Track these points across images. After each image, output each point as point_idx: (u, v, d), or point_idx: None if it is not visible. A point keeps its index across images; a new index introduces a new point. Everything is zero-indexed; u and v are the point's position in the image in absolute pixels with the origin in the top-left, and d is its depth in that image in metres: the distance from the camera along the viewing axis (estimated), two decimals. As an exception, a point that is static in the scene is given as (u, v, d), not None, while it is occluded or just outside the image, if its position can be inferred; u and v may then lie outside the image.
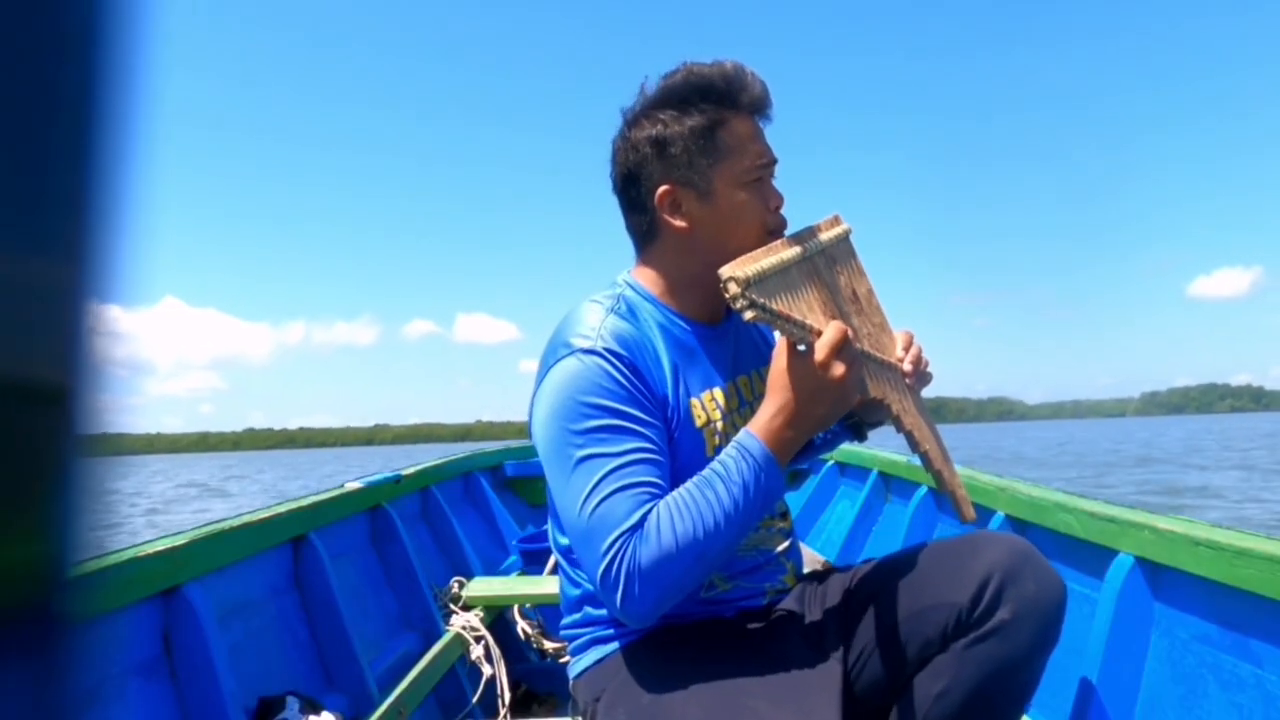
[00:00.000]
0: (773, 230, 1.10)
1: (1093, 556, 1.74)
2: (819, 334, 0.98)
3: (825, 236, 1.10)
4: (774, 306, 0.95)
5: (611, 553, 0.96)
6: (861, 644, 1.07)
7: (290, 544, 2.05)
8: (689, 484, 0.99)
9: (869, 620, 1.07)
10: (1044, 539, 2.00)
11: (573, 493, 1.00)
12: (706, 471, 0.99)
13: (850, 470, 3.67)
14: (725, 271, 0.94)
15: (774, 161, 1.12)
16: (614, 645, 1.12)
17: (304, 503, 2.16)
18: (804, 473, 4.06)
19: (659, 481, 1.00)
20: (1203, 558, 1.41)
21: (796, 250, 1.03)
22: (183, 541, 1.59)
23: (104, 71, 0.21)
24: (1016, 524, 2.09)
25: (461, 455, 3.70)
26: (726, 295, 0.93)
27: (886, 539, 3.00)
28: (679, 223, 1.10)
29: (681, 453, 1.07)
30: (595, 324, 1.06)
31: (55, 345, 0.21)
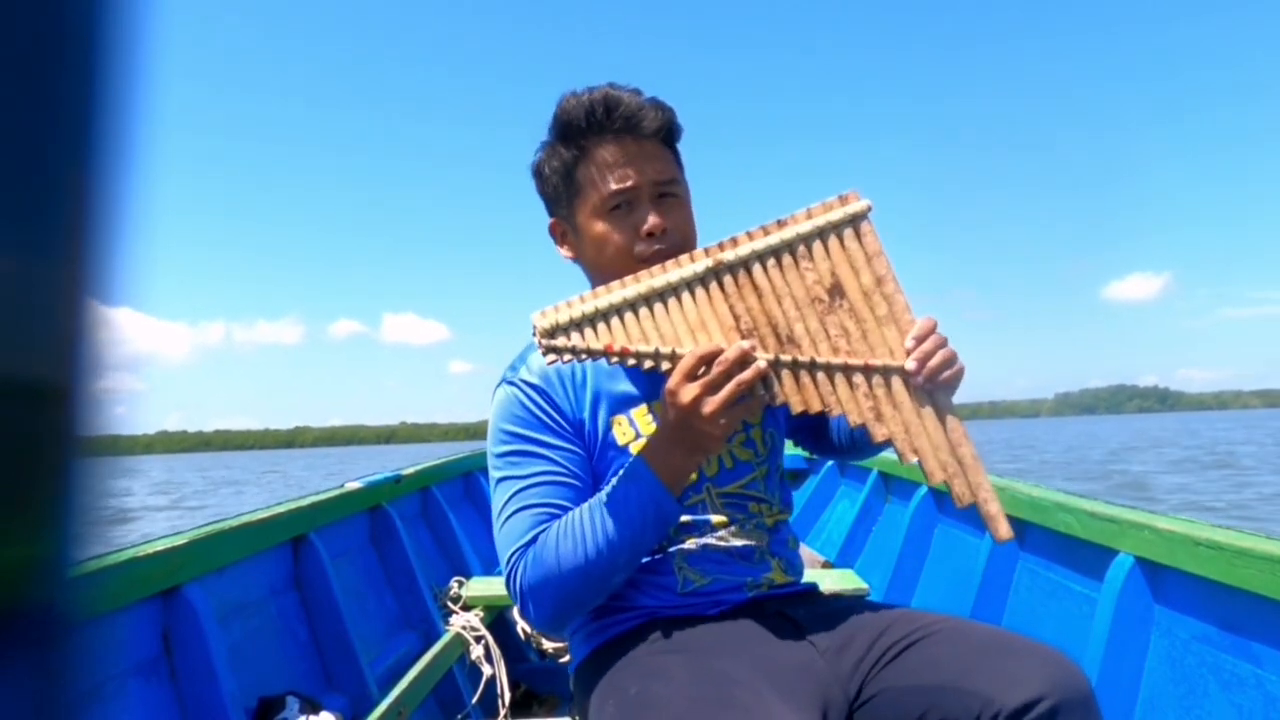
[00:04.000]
0: (642, 257, 1.09)
1: (1093, 556, 1.74)
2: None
3: (778, 236, 1.01)
4: (593, 345, 0.98)
5: (509, 568, 1.05)
6: (882, 685, 1.02)
7: (290, 544, 2.05)
8: (582, 506, 1.05)
9: (900, 666, 1.02)
10: (1044, 539, 2.00)
11: (494, 510, 1.10)
12: (600, 494, 1.05)
13: (850, 470, 3.67)
14: (534, 316, 0.99)
15: (642, 185, 1.11)
16: (603, 638, 1.12)
17: (304, 503, 2.16)
18: (803, 472, 4.06)
19: (560, 503, 1.07)
20: (1203, 558, 1.41)
21: (689, 270, 1.00)
22: (183, 541, 1.59)
23: (103, 73, 0.21)
24: (1016, 524, 2.09)
25: (462, 455, 3.70)
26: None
27: (886, 539, 3.00)
28: (567, 254, 1.20)
29: (609, 472, 1.10)
30: (526, 355, 1.16)
31: (55, 346, 0.21)
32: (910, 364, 1.00)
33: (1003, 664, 0.96)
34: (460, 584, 2.60)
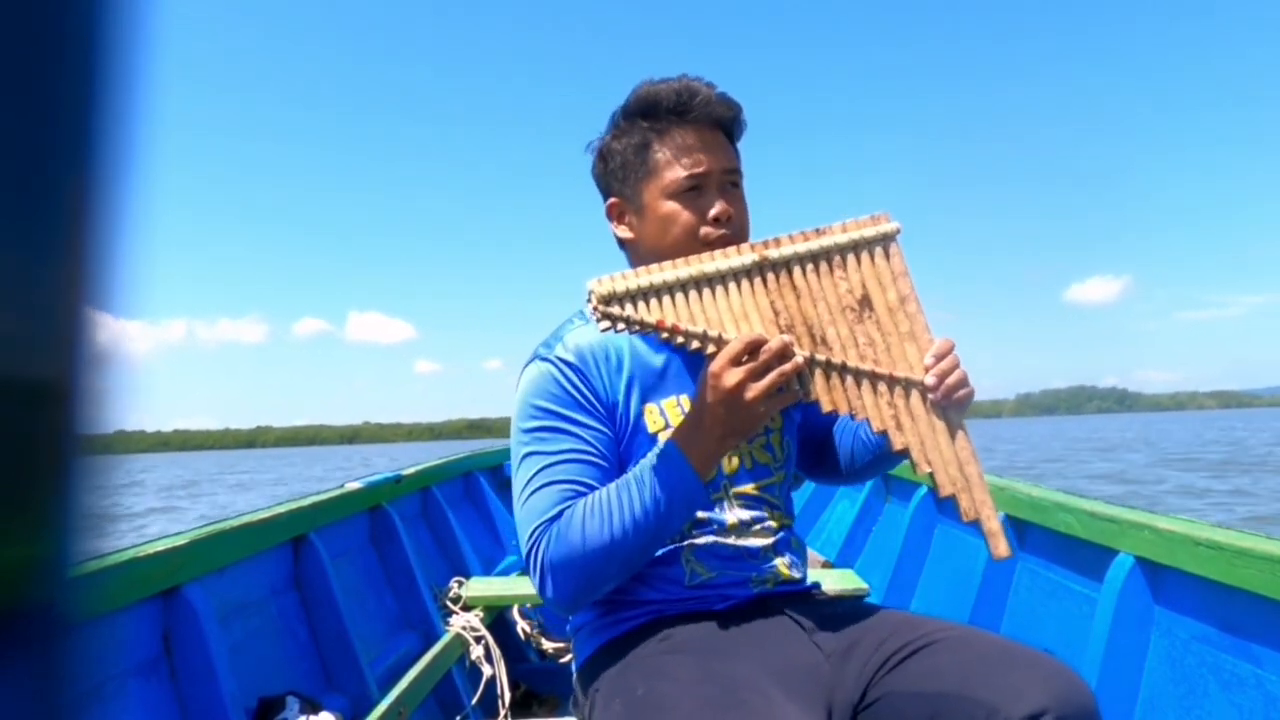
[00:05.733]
0: (707, 239, 1.13)
1: (1093, 556, 1.74)
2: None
3: (817, 243, 1.05)
4: (646, 319, 0.99)
5: (531, 543, 1.05)
6: (887, 689, 1.02)
7: (290, 544, 2.05)
8: (610, 485, 1.05)
9: (904, 672, 1.02)
10: (1044, 539, 2.00)
11: (517, 485, 1.10)
12: (628, 474, 1.06)
13: None
14: (590, 283, 1.00)
15: (713, 171, 1.15)
16: (608, 636, 1.13)
17: (304, 503, 2.16)
18: (799, 475, 4.05)
19: (587, 481, 1.07)
20: (1203, 558, 1.41)
21: (737, 261, 1.03)
22: (183, 541, 1.59)
23: (104, 75, 0.21)
24: (1017, 524, 2.09)
25: (462, 455, 3.70)
26: (588, 305, 1.00)
27: (886, 539, 3.01)
28: (625, 233, 1.21)
29: (636, 457, 1.10)
30: (562, 333, 1.17)
31: (55, 346, 0.21)
32: (930, 379, 1.04)
33: (1008, 674, 0.96)
34: (460, 584, 2.60)
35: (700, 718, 0.91)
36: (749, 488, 1.17)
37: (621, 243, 1.22)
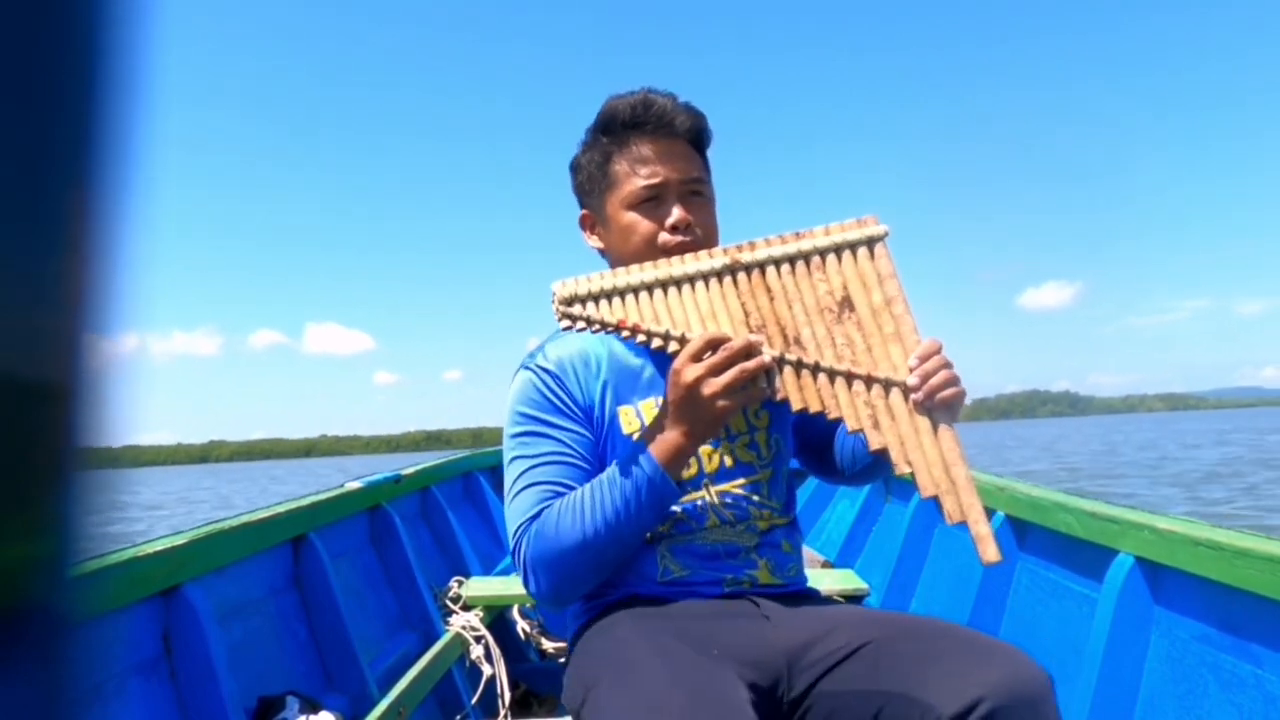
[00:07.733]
0: (665, 247, 1.15)
1: (1093, 556, 1.74)
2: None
3: (795, 246, 1.05)
4: (607, 318, 1.03)
5: (515, 541, 1.11)
6: (832, 686, 1.01)
7: (290, 544, 2.05)
8: (586, 485, 1.09)
9: (850, 669, 1.01)
10: (1044, 539, 2.00)
11: (505, 487, 1.16)
12: (602, 474, 1.10)
13: None
14: (554, 285, 1.04)
15: (670, 181, 1.18)
16: (585, 618, 1.18)
17: (304, 503, 2.16)
18: (804, 471, 4.04)
19: (566, 482, 1.12)
20: (1203, 558, 1.41)
21: (707, 264, 1.05)
22: (183, 541, 1.59)
23: (107, 76, 0.21)
24: (1016, 524, 2.09)
25: (461, 455, 3.70)
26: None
27: (886, 539, 3.01)
28: (595, 244, 1.26)
29: (613, 458, 1.13)
30: (547, 344, 1.23)
31: (56, 345, 0.21)
32: (912, 379, 1.02)
33: (949, 668, 0.94)
34: (460, 584, 2.60)
35: (658, 666, 0.93)
36: (730, 485, 1.19)
37: (599, 252, 1.27)
